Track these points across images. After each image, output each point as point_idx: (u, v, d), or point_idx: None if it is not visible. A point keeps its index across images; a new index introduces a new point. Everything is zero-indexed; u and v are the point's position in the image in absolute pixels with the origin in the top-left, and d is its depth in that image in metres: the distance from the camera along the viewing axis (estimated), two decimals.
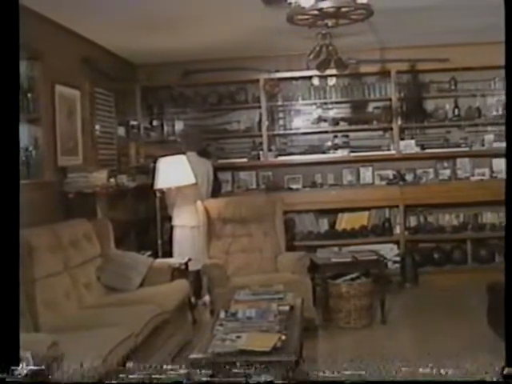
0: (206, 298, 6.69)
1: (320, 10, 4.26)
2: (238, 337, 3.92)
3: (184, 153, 7.09)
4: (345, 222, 8.25)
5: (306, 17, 4.42)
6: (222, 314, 4.46)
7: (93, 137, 6.86)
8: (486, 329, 5.70)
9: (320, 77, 8.08)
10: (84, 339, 3.88)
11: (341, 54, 5.39)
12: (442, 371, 3.30)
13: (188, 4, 5.62)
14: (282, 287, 5.18)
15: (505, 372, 2.73)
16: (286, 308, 4.61)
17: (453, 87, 8.40)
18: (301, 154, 8.35)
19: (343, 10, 4.29)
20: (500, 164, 8.26)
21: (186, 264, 6.31)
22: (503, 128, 8.06)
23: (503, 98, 8.16)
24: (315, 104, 8.49)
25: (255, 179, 8.57)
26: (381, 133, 8.49)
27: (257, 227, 6.92)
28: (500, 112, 8.30)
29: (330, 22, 4.43)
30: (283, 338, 3.92)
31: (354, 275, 6.26)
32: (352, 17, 4.48)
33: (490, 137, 8.29)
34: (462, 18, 6.78)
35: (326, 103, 8.47)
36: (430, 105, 8.50)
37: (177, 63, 8.20)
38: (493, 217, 8.33)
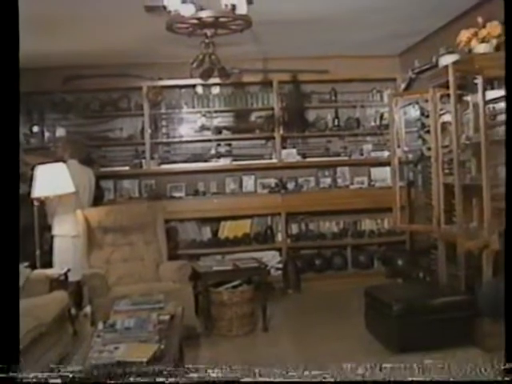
0: (87, 308, 6.54)
1: (199, 19, 4.29)
2: (116, 348, 3.87)
3: (64, 160, 6.92)
4: (227, 229, 8.29)
5: (186, 25, 4.43)
6: (101, 325, 4.38)
7: None
8: (364, 331, 5.90)
9: (204, 85, 8.09)
10: None
11: (224, 63, 5.42)
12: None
13: (70, 8, 5.50)
14: (162, 296, 5.14)
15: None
16: (167, 317, 4.59)
17: (333, 98, 8.63)
18: (184, 162, 8.32)
19: (222, 20, 4.33)
20: (377, 173, 8.58)
21: (66, 274, 6.16)
22: (381, 138, 8.47)
23: (381, 109, 8.50)
24: (199, 112, 8.46)
25: (138, 187, 8.46)
26: (263, 142, 8.58)
27: (138, 236, 6.85)
28: (378, 123, 8.61)
29: (208, 32, 4.46)
30: (162, 347, 3.91)
31: (235, 283, 6.30)
32: (231, 27, 4.52)
33: (368, 146, 8.58)
34: (342, 32, 7.01)
35: (209, 112, 8.46)
36: (311, 115, 8.68)
37: (58, 68, 7.98)
38: (371, 223, 8.63)
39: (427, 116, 6.72)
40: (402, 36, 7.41)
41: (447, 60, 5.88)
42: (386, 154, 8.23)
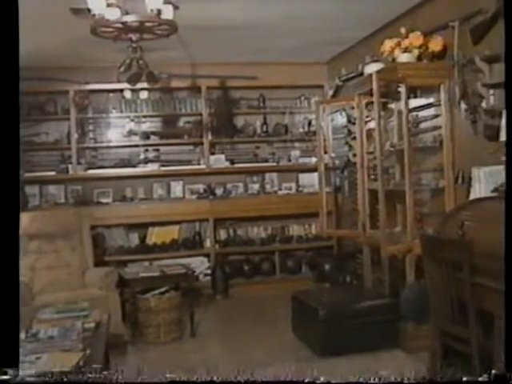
0: None
1: (124, 23, 4.25)
2: (38, 358, 3.77)
3: None
4: (155, 236, 8.21)
5: (110, 29, 4.38)
6: (22, 335, 4.27)
7: None
8: (291, 336, 5.95)
9: (132, 90, 8.01)
10: None
11: (152, 68, 5.38)
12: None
13: None
14: (87, 304, 5.06)
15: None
16: (92, 325, 4.51)
17: (262, 104, 8.69)
18: (111, 167, 8.20)
19: (147, 24, 4.30)
20: (305, 178, 8.67)
21: None
22: (309, 144, 8.56)
23: (309, 116, 8.59)
24: (127, 117, 8.38)
25: (64, 193, 8.28)
26: (191, 147, 8.54)
27: (64, 243, 6.72)
28: (306, 129, 8.70)
29: (134, 36, 4.42)
30: (86, 356, 3.84)
31: (162, 289, 6.26)
32: (157, 32, 4.50)
33: (296, 153, 8.66)
34: (271, 39, 7.07)
35: (137, 117, 8.38)
36: (239, 121, 8.71)
37: None
38: (299, 229, 8.70)
39: (353, 123, 6.83)
40: (330, 44, 7.53)
41: (372, 68, 6.00)
42: (313, 160, 8.29)
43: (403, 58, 5.60)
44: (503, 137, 4.26)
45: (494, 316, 3.66)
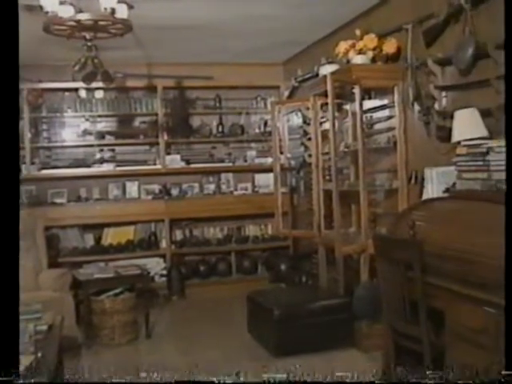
0: None
1: (78, 21, 4.20)
2: None
3: None
4: (111, 236, 8.14)
5: (64, 27, 4.33)
6: None
7: None
8: (247, 336, 5.95)
9: (87, 89, 7.93)
10: None
11: (108, 67, 5.34)
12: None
13: None
14: (39, 306, 4.97)
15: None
16: (44, 327, 4.44)
17: (218, 104, 8.68)
18: (66, 167, 8.08)
19: (101, 23, 4.27)
20: (261, 179, 8.68)
21: None
22: (265, 145, 8.58)
23: (265, 116, 8.61)
24: (83, 116, 8.27)
25: None
26: (147, 147, 8.48)
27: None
28: (262, 129, 8.72)
29: (88, 35, 4.38)
30: (38, 358, 3.79)
31: (117, 290, 6.21)
32: (111, 31, 4.47)
33: (252, 153, 8.68)
34: (227, 39, 7.07)
35: (93, 116, 8.29)
36: (195, 121, 8.69)
37: None
38: (254, 229, 8.72)
39: (309, 124, 6.87)
40: (286, 45, 7.55)
41: (327, 70, 6.04)
42: (269, 160, 8.29)
43: (358, 59, 5.65)
44: (455, 138, 4.33)
45: (444, 315, 3.71)
